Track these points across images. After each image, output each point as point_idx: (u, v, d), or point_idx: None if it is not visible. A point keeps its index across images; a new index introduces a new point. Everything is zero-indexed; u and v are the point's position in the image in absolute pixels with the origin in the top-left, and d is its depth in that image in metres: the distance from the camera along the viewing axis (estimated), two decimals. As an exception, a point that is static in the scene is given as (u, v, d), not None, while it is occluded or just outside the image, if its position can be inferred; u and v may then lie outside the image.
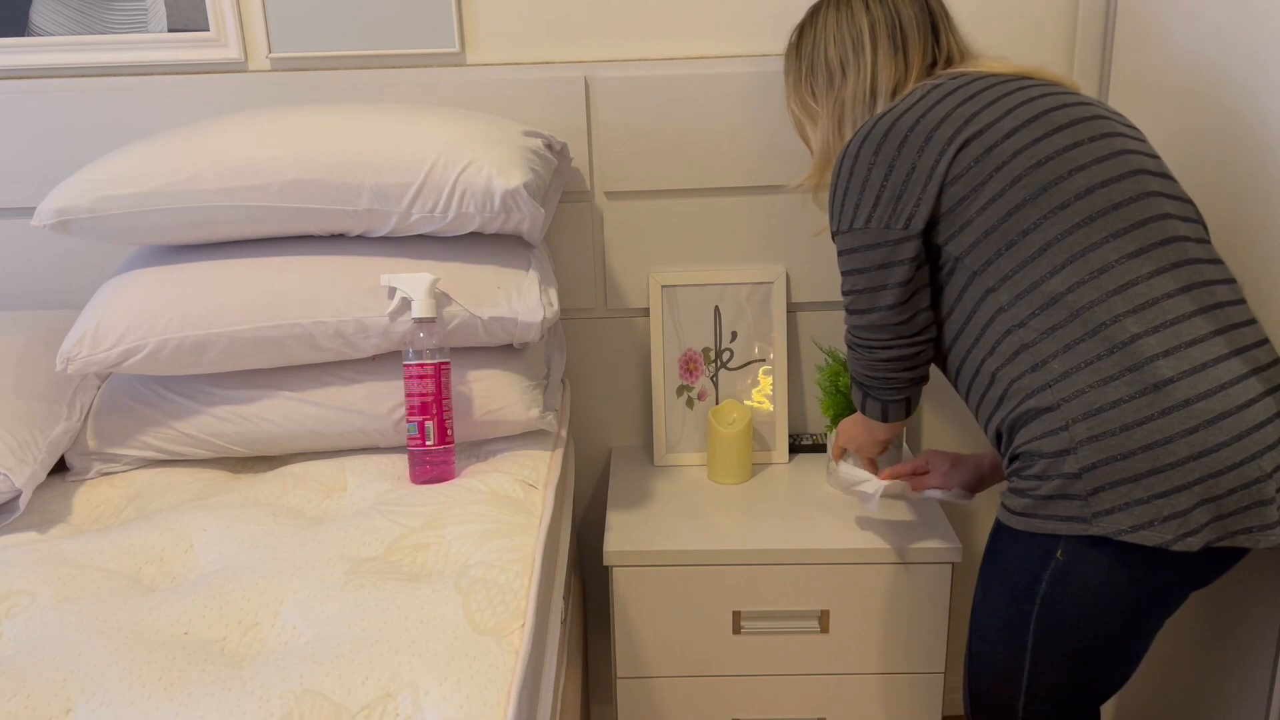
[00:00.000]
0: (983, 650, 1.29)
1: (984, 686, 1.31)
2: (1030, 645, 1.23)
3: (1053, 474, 1.15)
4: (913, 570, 1.57)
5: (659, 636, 1.61)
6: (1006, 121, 1.20)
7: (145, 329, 1.38)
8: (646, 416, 1.90)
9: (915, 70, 1.33)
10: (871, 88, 1.34)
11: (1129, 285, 1.14)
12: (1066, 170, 1.17)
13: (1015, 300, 1.18)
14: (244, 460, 1.52)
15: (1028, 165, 1.17)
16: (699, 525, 1.63)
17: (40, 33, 1.69)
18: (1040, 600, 1.20)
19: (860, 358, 1.33)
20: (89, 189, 1.39)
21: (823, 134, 1.41)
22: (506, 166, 1.37)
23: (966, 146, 1.19)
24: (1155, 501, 1.10)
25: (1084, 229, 1.15)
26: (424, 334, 1.36)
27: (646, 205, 1.77)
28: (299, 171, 1.37)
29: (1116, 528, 1.12)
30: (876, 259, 1.25)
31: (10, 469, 1.30)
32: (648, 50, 1.72)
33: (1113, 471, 1.12)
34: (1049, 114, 1.20)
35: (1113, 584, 1.16)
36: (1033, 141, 1.18)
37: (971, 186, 1.19)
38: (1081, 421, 1.13)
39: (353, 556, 1.19)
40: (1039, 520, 1.17)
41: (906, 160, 1.22)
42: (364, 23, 1.69)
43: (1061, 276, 1.15)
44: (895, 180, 1.22)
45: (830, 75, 1.38)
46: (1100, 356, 1.13)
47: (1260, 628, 1.33)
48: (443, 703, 0.95)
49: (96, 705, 0.95)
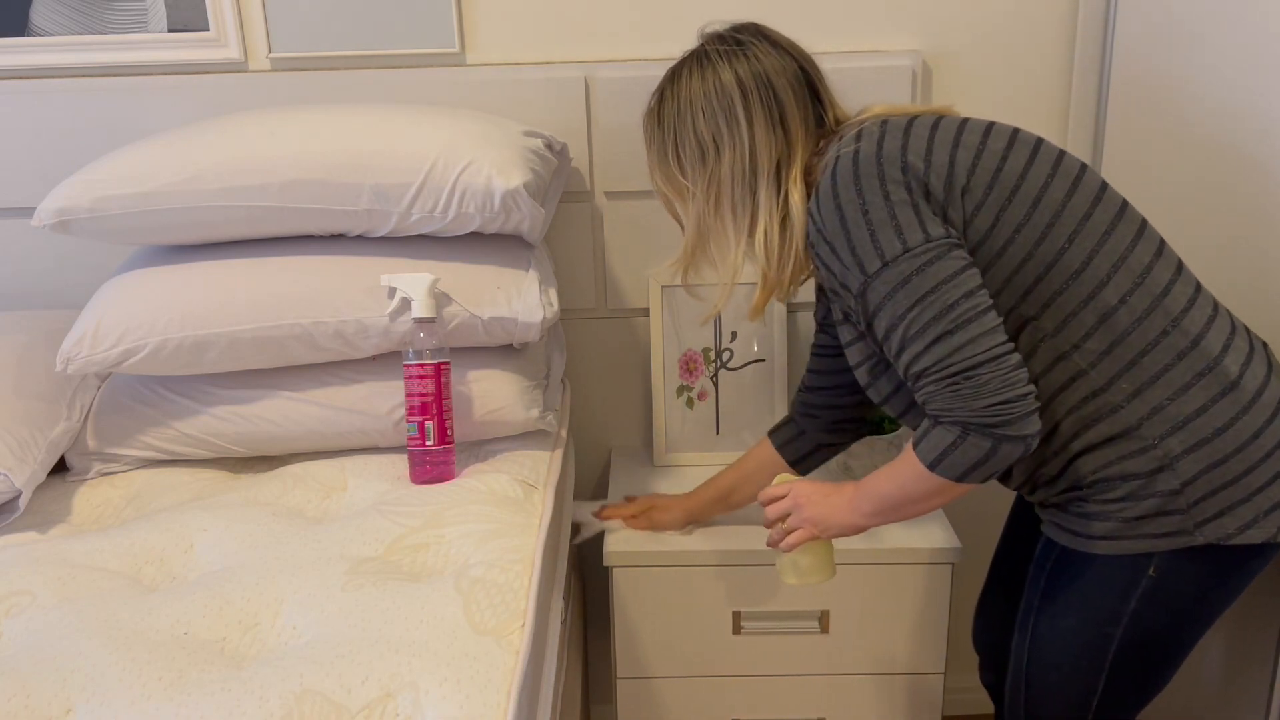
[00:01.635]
0: (1050, 679, 1.24)
1: (1048, 713, 1.26)
2: (1109, 666, 1.19)
3: (1145, 494, 1.11)
4: (913, 570, 1.56)
5: (659, 636, 1.61)
6: (993, 143, 1.13)
7: (145, 329, 1.38)
8: (646, 416, 1.90)
9: (799, 141, 1.20)
10: (751, 165, 1.19)
11: (1170, 285, 1.12)
12: (1071, 183, 1.13)
13: (1063, 325, 1.11)
14: (244, 460, 1.52)
15: (1040, 184, 1.11)
16: (699, 525, 1.62)
17: (40, 33, 1.69)
18: (1127, 620, 1.16)
19: (978, 384, 1.05)
20: (89, 189, 1.39)
21: (696, 213, 1.24)
22: (506, 166, 1.37)
23: (975, 169, 1.11)
24: (1255, 498, 1.10)
25: (1111, 237, 1.12)
26: (424, 334, 1.36)
27: (646, 205, 1.77)
28: (299, 171, 1.37)
29: (1223, 533, 1.10)
30: (941, 273, 1.07)
31: (10, 469, 1.30)
32: (648, 50, 1.72)
33: (1213, 479, 1.10)
34: (1015, 137, 1.15)
35: (1204, 590, 1.14)
36: (1027, 163, 1.12)
37: (995, 213, 1.11)
38: (1172, 435, 1.10)
39: (353, 556, 1.19)
40: (1128, 541, 1.13)
41: (904, 181, 1.10)
42: (364, 23, 1.69)
43: (1112, 287, 1.10)
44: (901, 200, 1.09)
45: (702, 151, 1.22)
46: (1169, 365, 1.10)
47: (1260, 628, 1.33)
48: (443, 703, 0.95)
49: (96, 705, 0.95)
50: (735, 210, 1.22)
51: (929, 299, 1.07)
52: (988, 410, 1.05)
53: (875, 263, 1.09)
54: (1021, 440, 1.06)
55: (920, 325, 1.07)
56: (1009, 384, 1.05)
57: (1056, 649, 1.22)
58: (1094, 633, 1.18)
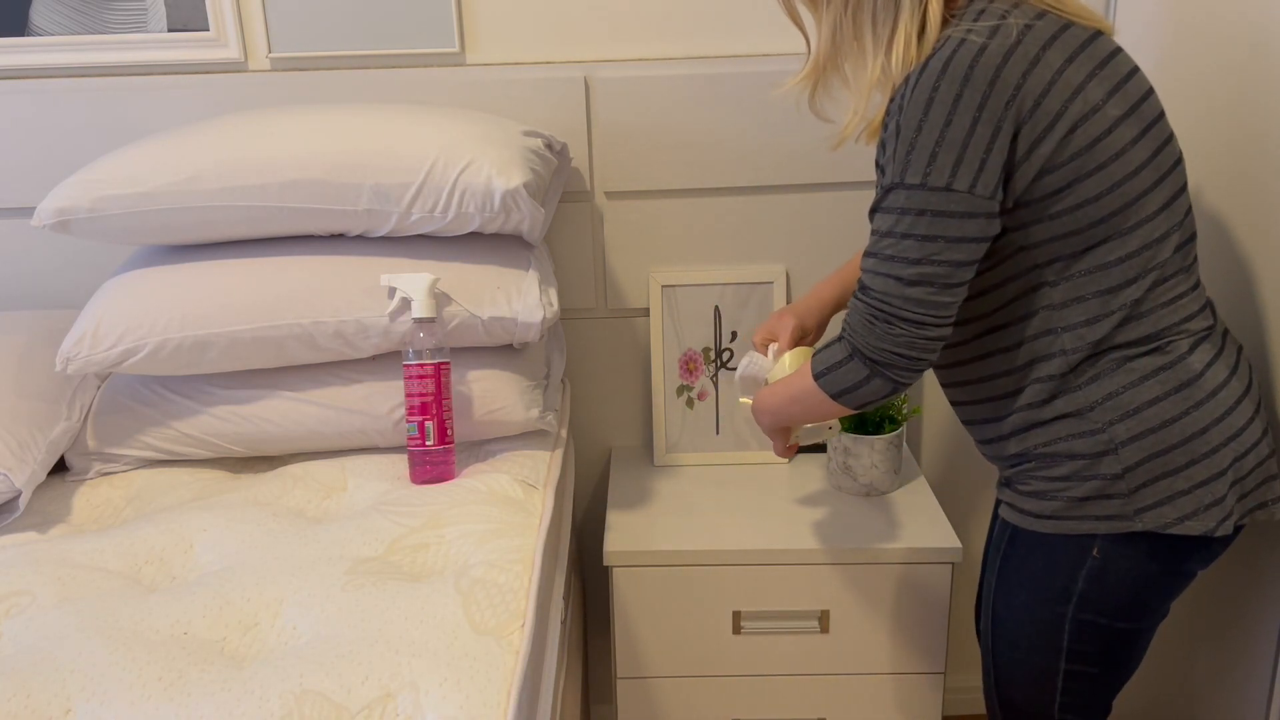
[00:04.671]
0: (1014, 658, 1.26)
1: (1019, 694, 1.28)
2: (1066, 646, 1.21)
3: (1089, 475, 1.14)
4: (913, 570, 1.56)
5: (659, 636, 1.61)
6: (1111, 108, 1.07)
7: (145, 329, 1.38)
8: (646, 416, 1.90)
9: None
10: None
11: (1179, 298, 1.13)
12: (1153, 182, 1.10)
13: (1071, 303, 1.12)
14: (244, 460, 1.52)
15: (1126, 172, 1.08)
16: (699, 525, 1.63)
17: (40, 33, 1.69)
18: (1077, 599, 1.18)
19: (890, 332, 1.10)
20: (89, 189, 1.39)
21: (832, 20, 1.13)
22: (506, 166, 1.37)
23: (1075, 130, 1.05)
24: (1196, 492, 1.12)
25: (1161, 244, 1.11)
26: (424, 334, 1.36)
27: (646, 205, 1.77)
28: (299, 171, 1.37)
29: (1161, 522, 1.12)
30: (953, 230, 1.06)
31: (10, 469, 1.30)
32: (648, 50, 1.72)
33: (1154, 468, 1.12)
34: (1140, 108, 1.09)
35: (1147, 575, 1.16)
36: (1132, 141, 1.08)
37: (1068, 180, 1.06)
38: (1120, 422, 1.12)
39: (353, 556, 1.19)
40: (1073, 521, 1.15)
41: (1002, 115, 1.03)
42: (364, 23, 1.69)
43: (1133, 289, 1.11)
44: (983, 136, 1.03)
45: None
46: (1132, 358, 1.12)
47: (1260, 627, 1.33)
48: (443, 703, 0.95)
49: (96, 705, 0.95)
50: (876, 18, 1.10)
51: (925, 243, 1.07)
52: (879, 351, 1.11)
53: (917, 176, 1.06)
54: (891, 384, 1.13)
55: (897, 253, 1.08)
56: (915, 348, 1.10)
57: (1013, 627, 1.25)
58: (1047, 611, 1.21)
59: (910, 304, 1.09)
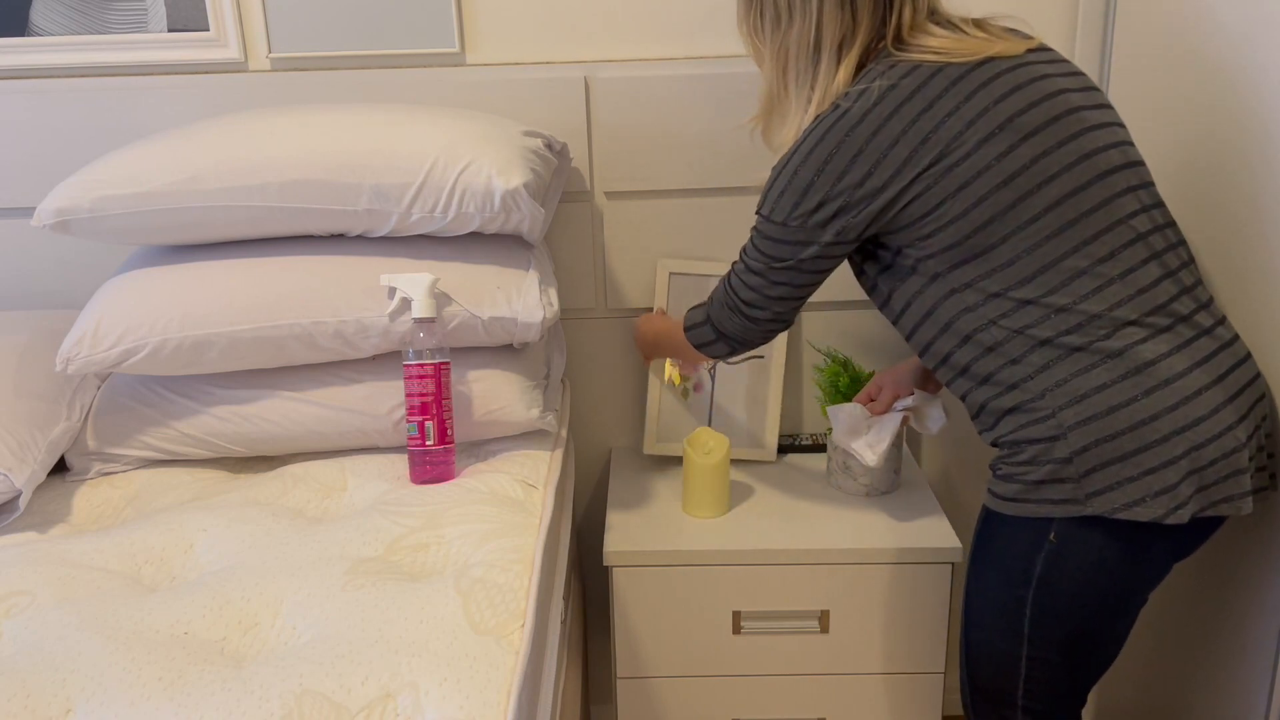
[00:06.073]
0: (980, 639, 1.30)
1: (983, 676, 1.31)
2: (1027, 630, 1.24)
3: (1043, 459, 1.17)
4: (913, 570, 1.57)
5: (659, 636, 1.61)
6: (969, 135, 1.16)
7: (145, 329, 1.38)
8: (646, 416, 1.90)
9: (864, 28, 1.24)
10: (816, 39, 1.26)
11: (1101, 288, 1.15)
12: (1035, 184, 1.15)
13: (983, 302, 1.18)
14: (244, 460, 1.52)
15: (994, 184, 1.15)
16: (699, 525, 1.63)
17: (40, 33, 1.69)
18: (1036, 583, 1.21)
19: (736, 321, 1.36)
20: (89, 189, 1.39)
21: (767, 78, 1.34)
22: (506, 166, 1.37)
23: (925, 171, 1.16)
24: (1145, 478, 1.14)
25: (1054, 240, 1.15)
26: (424, 334, 1.36)
27: (646, 205, 1.77)
28: (299, 172, 1.37)
29: (1110, 506, 1.15)
30: (795, 255, 1.26)
31: (10, 469, 1.30)
32: (648, 50, 1.72)
33: (1103, 453, 1.14)
34: (1015, 120, 1.16)
35: (1105, 561, 1.19)
36: (997, 158, 1.15)
37: (930, 206, 1.17)
38: (1068, 408, 1.15)
39: (353, 556, 1.19)
40: (1031, 505, 1.19)
41: (857, 172, 1.19)
42: (364, 23, 1.69)
43: (1033, 285, 1.16)
44: (843, 189, 1.20)
45: (777, 16, 1.28)
46: (1078, 348, 1.15)
47: (1260, 627, 1.33)
48: (443, 703, 0.95)
49: (96, 705, 0.95)
50: (798, 80, 1.29)
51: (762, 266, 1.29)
52: (724, 326, 1.39)
53: (767, 208, 1.26)
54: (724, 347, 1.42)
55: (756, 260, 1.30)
56: (747, 331, 1.37)
57: (978, 607, 1.29)
58: (1008, 595, 1.24)
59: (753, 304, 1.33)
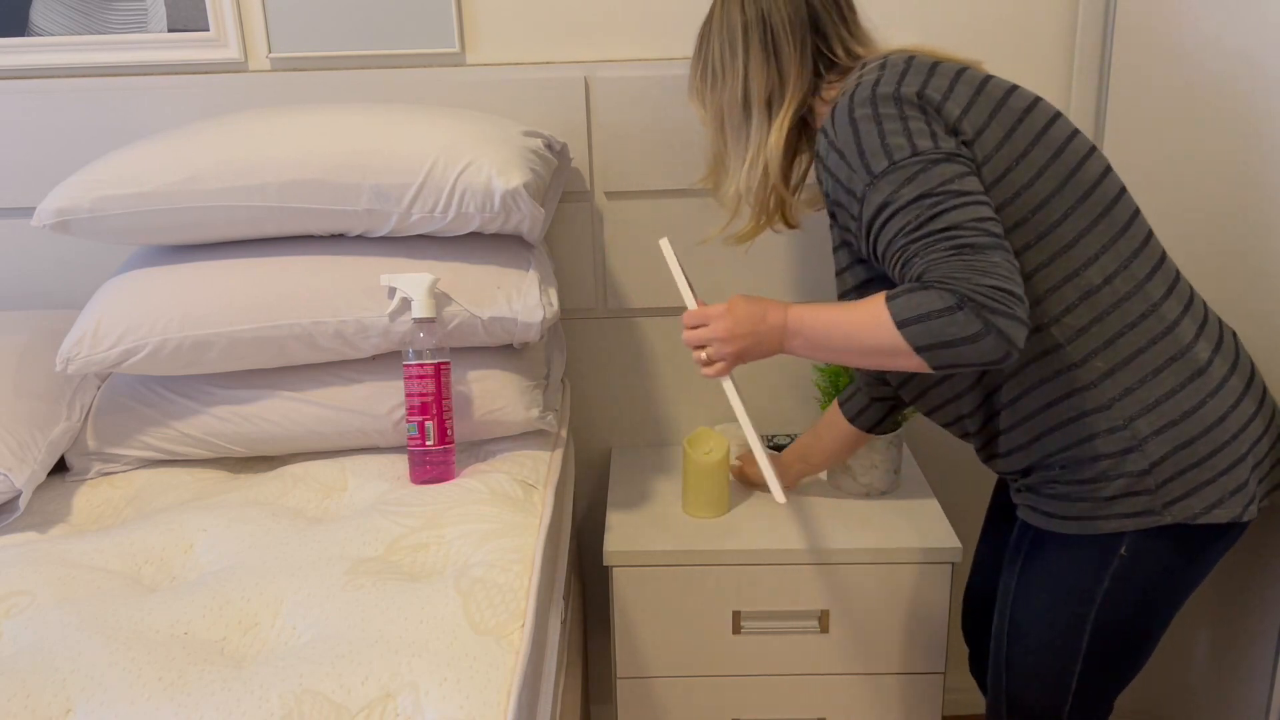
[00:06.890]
0: (1028, 661, 1.26)
1: (1029, 697, 1.28)
2: (1085, 647, 1.21)
3: (1115, 474, 1.14)
4: (913, 570, 1.56)
5: (659, 636, 1.61)
6: (1014, 102, 1.15)
7: (145, 329, 1.38)
8: (647, 416, 1.90)
9: (792, 83, 1.23)
10: (744, 96, 1.25)
11: (1153, 272, 1.15)
12: (1078, 160, 1.15)
13: (1046, 295, 1.13)
14: (244, 460, 1.52)
15: (1048, 156, 1.13)
16: (699, 525, 1.62)
17: (40, 33, 1.69)
18: (1100, 600, 1.18)
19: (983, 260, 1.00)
20: (89, 189, 1.39)
21: (711, 138, 1.33)
22: (506, 167, 1.37)
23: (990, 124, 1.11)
24: (1220, 480, 1.13)
25: (1105, 219, 1.14)
26: (424, 334, 1.36)
27: (646, 205, 1.77)
28: (299, 171, 1.37)
29: (1190, 513, 1.13)
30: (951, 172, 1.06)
31: (10, 469, 1.30)
32: (648, 50, 1.72)
33: (1180, 460, 1.13)
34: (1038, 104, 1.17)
35: (1173, 570, 1.17)
36: (1043, 129, 1.14)
37: (1000, 171, 1.11)
38: (1142, 417, 1.13)
39: (353, 556, 1.19)
40: (1100, 521, 1.16)
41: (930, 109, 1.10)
42: (364, 23, 1.69)
43: (1098, 267, 1.13)
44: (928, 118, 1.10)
45: (713, 75, 1.28)
46: (1144, 349, 1.13)
47: (1260, 627, 1.33)
48: (443, 703, 0.95)
49: (96, 705, 0.95)
50: (734, 136, 1.29)
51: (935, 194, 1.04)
52: (994, 291, 0.99)
53: (882, 163, 1.07)
54: (1006, 342, 1.00)
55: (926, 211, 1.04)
56: (1014, 280, 1.01)
57: (1033, 632, 1.25)
58: (1069, 614, 1.21)
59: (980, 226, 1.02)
